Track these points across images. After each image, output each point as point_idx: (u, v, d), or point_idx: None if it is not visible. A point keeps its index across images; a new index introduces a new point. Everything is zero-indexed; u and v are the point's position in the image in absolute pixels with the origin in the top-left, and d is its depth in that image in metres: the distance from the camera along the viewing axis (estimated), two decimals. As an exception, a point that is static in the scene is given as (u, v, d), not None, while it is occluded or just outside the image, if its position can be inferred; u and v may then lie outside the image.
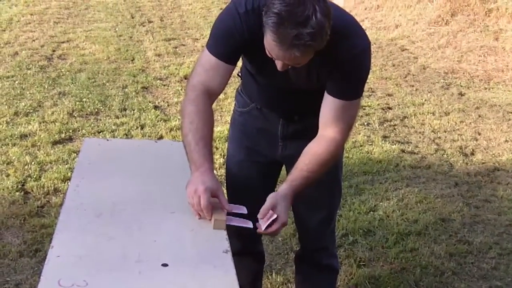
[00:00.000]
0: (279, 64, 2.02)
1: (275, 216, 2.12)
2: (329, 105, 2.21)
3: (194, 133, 2.16)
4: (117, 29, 8.38)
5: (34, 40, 7.51)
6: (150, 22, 8.95)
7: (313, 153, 2.23)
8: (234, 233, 2.25)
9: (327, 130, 2.22)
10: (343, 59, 2.10)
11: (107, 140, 2.94)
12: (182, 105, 2.28)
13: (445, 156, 4.97)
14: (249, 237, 2.60)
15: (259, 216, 2.13)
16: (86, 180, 2.29)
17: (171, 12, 9.75)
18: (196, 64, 2.29)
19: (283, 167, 2.62)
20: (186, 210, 2.13)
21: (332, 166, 2.47)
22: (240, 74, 2.52)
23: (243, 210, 2.21)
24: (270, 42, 1.92)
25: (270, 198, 2.15)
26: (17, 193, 3.92)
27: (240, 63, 2.39)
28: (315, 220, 2.63)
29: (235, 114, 2.61)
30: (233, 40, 2.16)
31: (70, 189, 2.23)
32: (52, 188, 4.02)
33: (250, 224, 2.16)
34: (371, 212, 3.99)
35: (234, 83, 4.27)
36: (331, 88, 2.19)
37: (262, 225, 2.12)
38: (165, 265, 1.81)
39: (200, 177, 2.10)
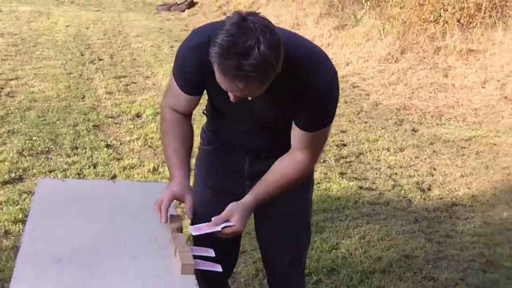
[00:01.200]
0: (230, 96, 1.97)
1: (231, 224, 2.12)
2: (298, 135, 2.17)
3: (168, 148, 2.27)
4: (66, 66, 8.21)
5: (-20, 78, 7.29)
6: (100, 59, 8.81)
7: (282, 173, 2.21)
8: (200, 277, 2.14)
9: (297, 152, 2.20)
10: (310, 94, 2.04)
11: (62, 180, 2.80)
12: (159, 124, 2.40)
13: (403, 192, 4.96)
14: (216, 279, 2.48)
15: (212, 221, 2.13)
16: (42, 223, 2.16)
17: (121, 49, 9.63)
18: (168, 85, 2.33)
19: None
20: (150, 254, 2.02)
21: (301, 208, 2.42)
22: (205, 111, 2.44)
23: (211, 253, 2.11)
24: (216, 73, 1.88)
25: (230, 206, 2.15)
26: (-36, 237, 3.72)
27: (205, 99, 2.32)
28: (283, 262, 2.54)
29: (199, 152, 2.52)
30: (187, 74, 2.16)
31: (26, 234, 2.09)
32: (3, 230, 3.82)
33: (219, 268, 2.06)
34: (334, 250, 3.92)
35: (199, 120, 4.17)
36: (299, 121, 2.13)
37: (216, 226, 2.12)
38: (132, 315, 1.69)
39: (169, 185, 2.22)
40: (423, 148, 5.99)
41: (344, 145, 5.95)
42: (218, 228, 2.13)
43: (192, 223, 2.41)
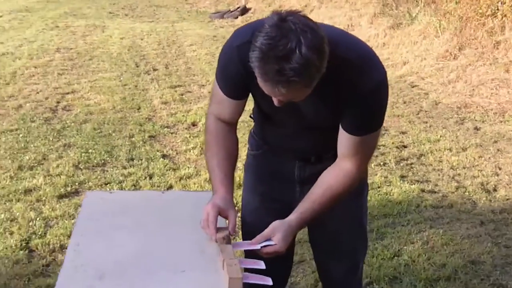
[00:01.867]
0: (274, 100, 1.87)
1: (273, 242, 2.02)
2: (346, 140, 2.05)
3: (211, 161, 2.19)
4: (122, 78, 8.26)
5: (38, 92, 7.38)
6: (155, 70, 8.84)
7: (327, 185, 2.09)
8: (251, 289, 2.05)
9: (344, 161, 2.08)
10: (358, 95, 1.92)
11: (110, 192, 2.75)
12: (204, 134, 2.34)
13: (467, 193, 4.75)
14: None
15: (253, 240, 2.04)
16: (87, 238, 2.10)
17: (175, 59, 9.65)
18: (212, 92, 2.24)
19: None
20: (198, 268, 1.93)
21: (355, 212, 2.29)
22: (252, 115, 2.35)
23: (261, 265, 2.00)
24: (257, 78, 1.78)
25: (272, 225, 2.05)
26: (21, 252, 3.72)
27: (252, 103, 2.23)
28: (339, 271, 2.42)
29: (248, 159, 2.43)
30: (231, 76, 2.06)
31: (70, 248, 2.03)
32: (58, 245, 3.82)
33: (269, 281, 1.95)
34: (396, 257, 3.76)
35: (244, 127, 4.09)
36: (347, 125, 2.01)
37: (256, 244, 2.03)
38: (177, 333, 1.60)
39: (212, 199, 2.11)
40: (487, 147, 5.76)
41: (405, 146, 5.77)
42: (258, 247, 2.03)
43: (242, 233, 2.33)
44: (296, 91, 1.78)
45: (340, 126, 2.04)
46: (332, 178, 2.09)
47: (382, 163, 5.26)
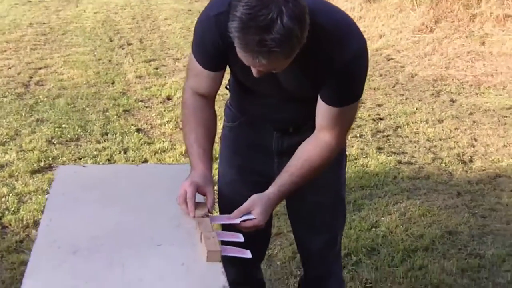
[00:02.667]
0: (253, 71, 1.82)
1: (252, 216, 1.99)
2: (324, 111, 2.01)
3: (189, 136, 2.14)
4: (95, 53, 8.13)
5: (10, 68, 7.23)
6: (129, 44, 8.71)
7: (306, 157, 2.06)
8: (229, 262, 2.02)
9: (323, 132, 2.04)
10: (336, 65, 1.88)
11: (84, 166, 2.68)
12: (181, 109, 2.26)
13: (444, 165, 4.76)
14: (247, 265, 2.35)
15: (232, 215, 2.00)
16: (60, 213, 2.05)
17: (150, 33, 9.52)
18: (188, 66, 2.17)
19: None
20: (174, 241, 1.89)
21: (334, 184, 2.27)
22: (228, 86, 2.30)
23: (240, 238, 1.97)
24: (237, 48, 1.73)
25: (251, 199, 2.02)
26: (-6, 228, 3.67)
27: (228, 74, 2.18)
28: (318, 244, 2.39)
29: (224, 131, 2.38)
30: (208, 46, 2.00)
31: (42, 224, 1.98)
32: (32, 220, 3.75)
33: (248, 254, 1.92)
34: (373, 229, 3.76)
35: (220, 100, 4.04)
36: (326, 96, 1.97)
37: (235, 219, 2.00)
38: (153, 307, 1.56)
39: (190, 176, 2.06)
40: (463, 119, 5.77)
41: (381, 119, 5.76)
42: (236, 221, 1.99)
43: (219, 205, 2.29)
44: (276, 62, 1.73)
45: (319, 97, 2.00)
46: (310, 150, 2.06)
47: (358, 135, 5.25)
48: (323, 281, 2.48)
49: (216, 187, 2.39)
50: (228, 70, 2.13)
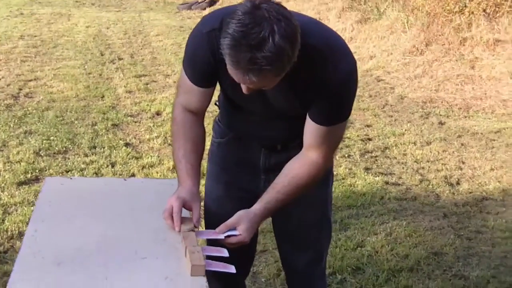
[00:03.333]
0: (243, 88, 1.83)
1: (237, 232, 1.99)
2: (312, 130, 2.02)
3: (177, 152, 2.14)
4: (86, 66, 8.13)
5: (0, 79, 7.22)
6: (120, 59, 8.72)
7: (293, 175, 2.06)
8: (214, 277, 2.02)
9: (310, 151, 2.05)
10: (326, 85, 1.90)
11: (71, 178, 2.68)
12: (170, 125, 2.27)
13: (431, 186, 4.78)
14: (231, 280, 2.34)
15: (217, 229, 2.00)
16: (45, 224, 2.04)
17: (141, 48, 9.54)
18: (178, 82, 2.19)
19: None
20: (159, 255, 1.89)
21: (320, 203, 2.27)
22: (217, 102, 2.31)
23: (224, 253, 1.97)
24: (227, 65, 1.74)
25: (237, 214, 2.02)
26: (-22, 239, 3.64)
27: (217, 90, 2.19)
28: (302, 262, 2.39)
29: (212, 147, 2.38)
30: (199, 63, 2.02)
31: (27, 235, 1.98)
32: (17, 232, 3.74)
33: (232, 269, 1.92)
34: (359, 248, 3.76)
35: (209, 117, 4.05)
36: (315, 115, 1.98)
37: (220, 234, 2.00)
38: (136, 321, 1.56)
39: (177, 191, 2.08)
40: (451, 141, 5.80)
41: (369, 139, 5.78)
42: (221, 236, 2.00)
43: (205, 221, 2.29)
44: (266, 80, 1.75)
45: (308, 116, 2.01)
46: (297, 168, 2.07)
47: (346, 155, 5.26)
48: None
49: (202, 203, 2.38)
50: (218, 86, 2.14)
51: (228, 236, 2.00)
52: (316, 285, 2.47)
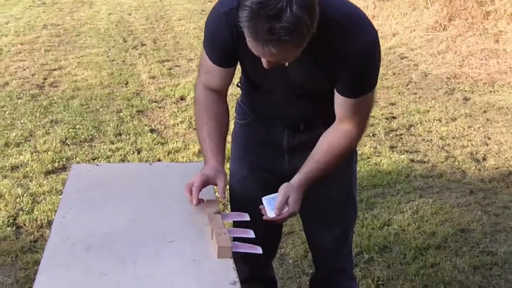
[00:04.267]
0: (263, 62, 1.84)
1: (286, 208, 2.02)
2: (341, 104, 2.03)
3: (201, 131, 2.17)
4: (109, 54, 8.18)
5: (24, 69, 7.29)
6: (143, 45, 8.75)
7: (329, 144, 2.08)
8: (241, 259, 2.04)
9: (343, 123, 2.07)
10: (349, 57, 1.90)
11: (97, 165, 2.71)
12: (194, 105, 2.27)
13: (457, 163, 4.75)
14: (258, 262, 2.37)
15: (276, 212, 2.01)
16: (73, 211, 2.07)
17: (164, 34, 9.56)
18: (199, 62, 2.23)
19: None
20: (186, 238, 1.91)
21: (345, 180, 2.27)
22: (239, 84, 2.31)
23: (250, 234, 1.99)
24: (247, 38, 1.75)
25: (282, 190, 2.03)
26: (8, 228, 3.69)
27: (239, 71, 2.20)
28: (329, 239, 2.40)
29: (235, 128, 2.40)
30: (219, 43, 2.03)
31: (56, 222, 2.01)
32: (46, 220, 3.78)
33: (259, 250, 1.94)
34: (386, 227, 3.76)
35: (233, 100, 4.07)
36: (341, 88, 1.99)
37: (269, 213, 2.02)
38: (164, 303, 1.59)
39: (202, 169, 2.11)
40: (476, 117, 5.75)
41: (394, 117, 5.75)
42: (247, 218, 2.04)
43: (230, 203, 2.30)
44: (286, 51, 1.75)
45: (335, 90, 2.02)
46: (333, 138, 2.08)
47: (371, 134, 5.24)
48: (333, 278, 2.49)
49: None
50: (239, 67, 2.15)
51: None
52: (342, 264, 2.49)
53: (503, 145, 5.09)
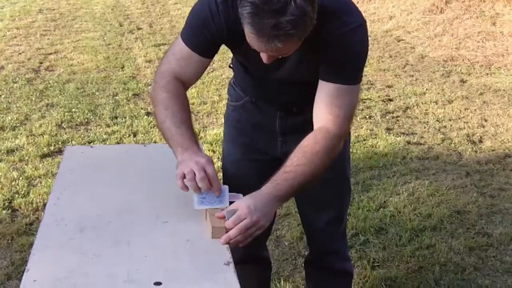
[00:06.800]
0: (264, 57, 1.80)
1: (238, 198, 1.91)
2: (322, 91, 1.94)
3: (172, 118, 1.97)
4: (105, 38, 8.16)
5: (20, 53, 7.27)
6: (139, 29, 8.73)
7: (300, 145, 1.93)
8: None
9: (319, 119, 1.95)
10: (332, 39, 1.86)
11: (91, 147, 2.70)
12: (152, 94, 2.08)
13: (453, 145, 4.75)
14: (253, 243, 2.36)
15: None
16: (67, 192, 2.07)
17: (160, 18, 9.53)
18: (168, 52, 2.09)
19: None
20: (180, 219, 1.91)
21: (338, 162, 2.24)
22: (231, 65, 2.30)
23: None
24: (248, 35, 1.70)
25: (236, 204, 1.86)
26: (4, 211, 3.69)
27: (230, 53, 2.18)
28: (323, 221, 2.39)
29: (228, 110, 2.38)
30: (210, 31, 1.94)
31: (50, 203, 2.00)
32: (41, 203, 3.78)
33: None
34: (381, 209, 3.77)
35: (224, 80, 4.05)
36: (323, 71, 1.94)
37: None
38: (158, 283, 1.58)
39: (194, 155, 1.89)
40: (473, 99, 5.75)
41: (390, 100, 5.75)
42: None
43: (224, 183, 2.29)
44: (291, 45, 1.71)
45: (319, 79, 1.96)
46: (306, 139, 1.95)
47: (368, 116, 5.24)
48: (327, 259, 2.49)
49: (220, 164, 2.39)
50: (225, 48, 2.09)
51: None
52: (336, 245, 2.48)
53: (500, 127, 5.09)
